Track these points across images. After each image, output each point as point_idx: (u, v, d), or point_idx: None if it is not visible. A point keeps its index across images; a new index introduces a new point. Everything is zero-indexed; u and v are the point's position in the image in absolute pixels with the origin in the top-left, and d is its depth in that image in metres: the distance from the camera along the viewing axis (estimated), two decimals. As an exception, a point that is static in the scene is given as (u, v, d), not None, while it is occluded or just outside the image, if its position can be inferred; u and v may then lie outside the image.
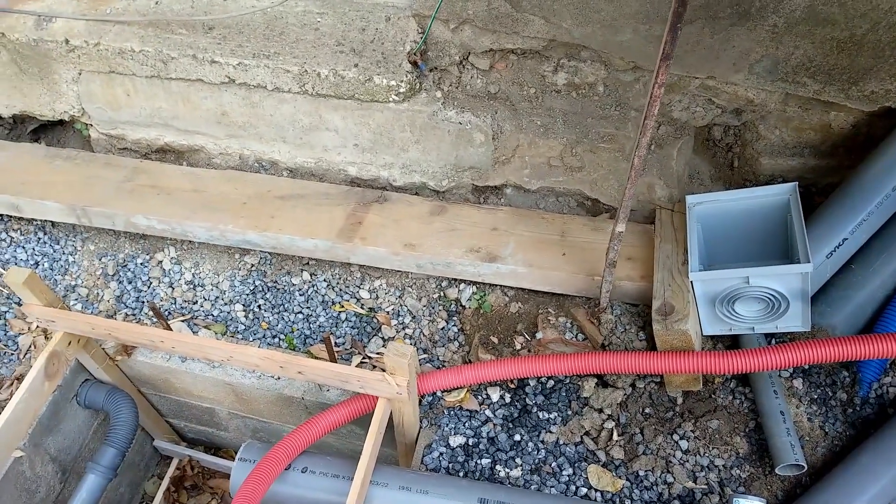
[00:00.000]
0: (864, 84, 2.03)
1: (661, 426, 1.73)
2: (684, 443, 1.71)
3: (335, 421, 1.69)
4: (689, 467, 1.67)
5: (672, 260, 1.78)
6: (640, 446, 1.71)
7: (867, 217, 1.92)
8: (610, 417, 1.76)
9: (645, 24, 2.01)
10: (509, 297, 2.01)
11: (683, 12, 1.08)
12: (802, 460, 1.62)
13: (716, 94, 2.19)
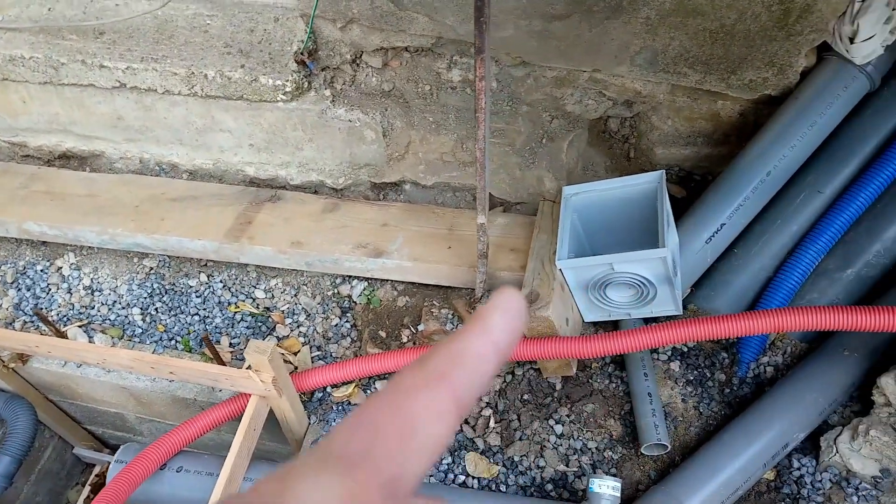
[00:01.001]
0: (742, 73, 2.13)
1: (538, 412, 1.81)
2: (559, 427, 1.78)
3: (213, 420, 1.75)
4: (563, 451, 1.75)
5: (546, 250, 1.86)
6: (517, 432, 1.79)
7: (743, 202, 2.02)
8: (488, 405, 1.83)
9: (524, 20, 2.09)
10: (398, 291, 2.08)
11: (482, 6, 1.16)
12: (666, 440, 1.70)
13: (605, 86, 2.28)
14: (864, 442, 1.64)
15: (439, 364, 0.31)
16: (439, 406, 0.31)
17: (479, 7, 1.18)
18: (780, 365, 1.92)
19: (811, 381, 1.77)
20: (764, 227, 2.07)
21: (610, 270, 1.78)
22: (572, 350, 1.64)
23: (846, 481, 1.65)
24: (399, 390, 0.31)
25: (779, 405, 1.73)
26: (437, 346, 0.33)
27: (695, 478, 1.64)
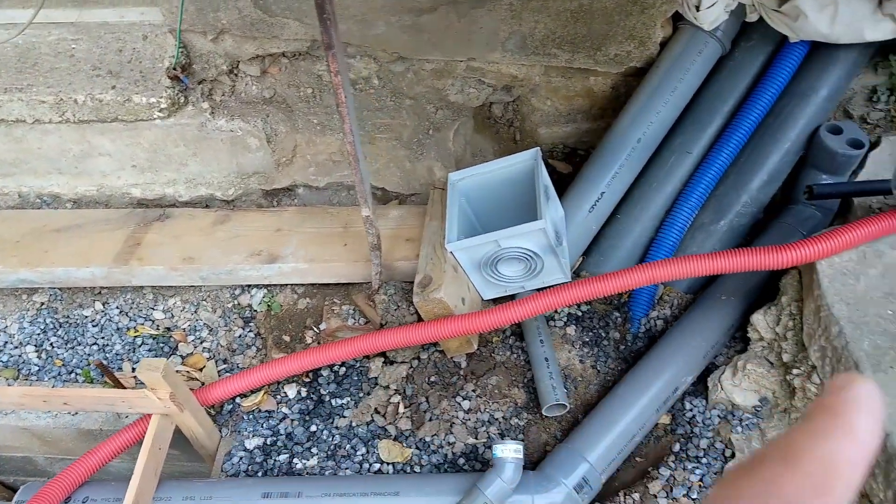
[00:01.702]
0: (607, 48, 2.30)
1: (445, 391, 1.91)
2: (466, 403, 1.89)
3: (117, 447, 1.77)
4: (471, 425, 1.86)
5: (437, 235, 1.97)
6: (427, 414, 1.88)
7: (619, 170, 2.18)
8: (396, 392, 1.92)
9: (395, 16, 2.21)
10: (298, 293, 2.15)
11: (324, 4, 1.25)
12: (564, 399, 1.83)
13: (483, 73, 2.42)
14: (743, 376, 1.82)
15: (816, 473, 0.29)
16: None
17: (320, 5, 1.27)
18: (668, 317, 2.09)
19: (694, 327, 1.95)
20: (641, 192, 2.25)
21: (497, 247, 1.90)
22: (465, 327, 1.75)
23: (731, 414, 1.83)
24: (775, 496, 0.28)
25: (666, 354, 1.89)
26: (800, 440, 0.30)
27: (594, 431, 1.78)
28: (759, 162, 2.19)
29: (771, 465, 0.29)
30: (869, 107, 2.35)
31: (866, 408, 0.31)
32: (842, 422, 0.30)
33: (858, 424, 0.30)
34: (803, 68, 2.22)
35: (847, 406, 0.30)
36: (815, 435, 0.30)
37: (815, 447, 0.29)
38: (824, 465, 0.28)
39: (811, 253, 1.60)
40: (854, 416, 0.30)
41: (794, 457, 0.29)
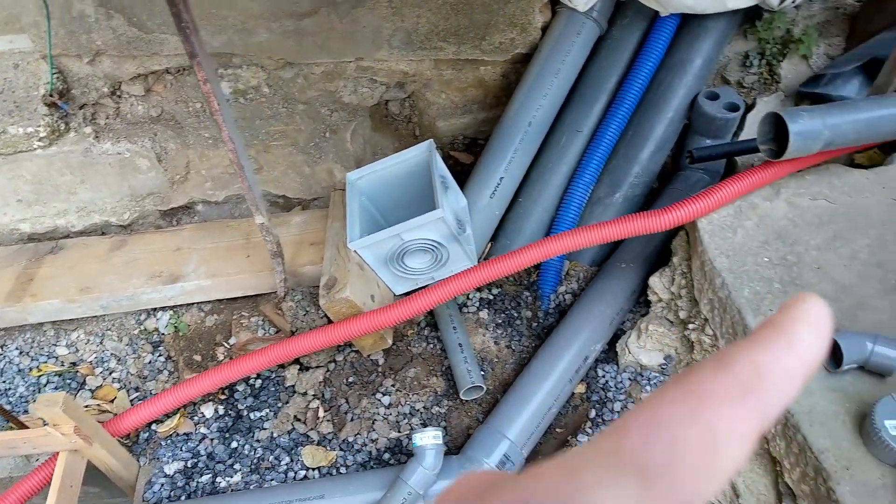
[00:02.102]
0: (491, 37, 2.39)
1: (364, 390, 1.95)
2: (386, 398, 1.93)
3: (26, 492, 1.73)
4: (393, 419, 1.90)
5: (340, 236, 2.00)
6: (348, 414, 1.91)
7: (514, 154, 2.27)
8: (315, 397, 1.94)
9: (275, 23, 2.23)
10: (205, 311, 2.15)
11: (179, 12, 1.27)
12: (479, 381, 1.90)
13: (374, 72, 2.47)
14: (647, 337, 1.93)
15: (745, 374, 0.28)
16: (744, 425, 0.27)
17: (176, 14, 1.29)
18: (576, 290, 2.19)
19: (598, 297, 2.05)
20: (539, 173, 2.34)
21: (400, 241, 1.95)
22: (373, 323, 1.80)
23: (640, 375, 1.93)
24: (699, 396, 0.27)
25: (574, 325, 1.98)
26: (736, 350, 0.29)
27: (512, 409, 1.85)
28: (645, 133, 2.32)
29: (700, 369, 0.28)
30: (744, 71, 2.52)
31: (811, 322, 0.30)
32: (783, 334, 0.29)
33: (800, 337, 0.29)
34: (677, 40, 2.36)
35: (791, 321, 0.30)
36: (754, 344, 0.29)
37: (750, 353, 0.28)
38: (756, 369, 0.28)
39: (688, 213, 1.71)
40: (797, 329, 0.29)
41: (727, 360, 0.28)
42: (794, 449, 1.44)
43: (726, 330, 1.67)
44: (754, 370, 0.28)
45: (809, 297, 0.31)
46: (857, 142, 1.75)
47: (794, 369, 0.28)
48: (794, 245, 1.71)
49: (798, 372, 0.28)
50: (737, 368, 0.28)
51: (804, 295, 0.31)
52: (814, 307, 0.30)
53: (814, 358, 0.29)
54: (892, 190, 1.81)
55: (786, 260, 1.68)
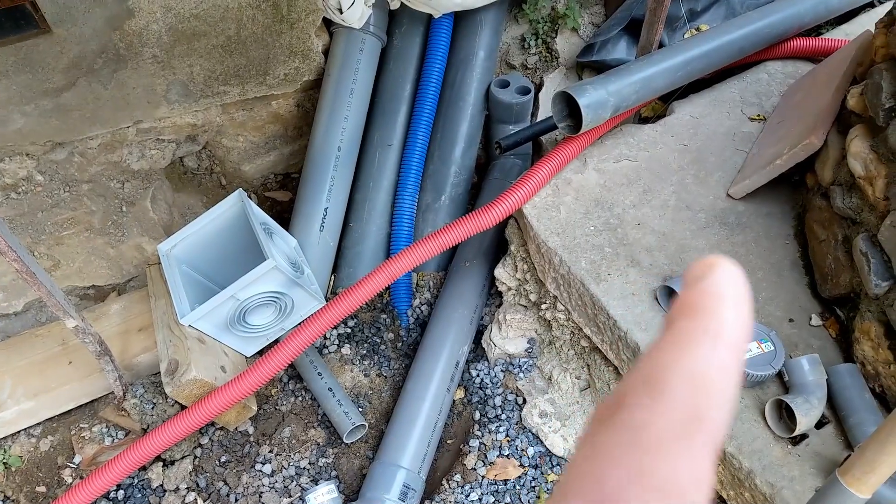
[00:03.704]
0: (274, 71, 2.34)
1: (241, 465, 1.85)
2: (267, 467, 1.85)
3: None
4: (280, 485, 1.82)
5: (167, 315, 1.87)
6: (231, 496, 1.81)
7: (332, 182, 2.24)
8: (189, 489, 1.81)
9: (29, 105, 2.04)
10: (36, 435, 1.93)
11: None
12: (359, 420, 1.87)
13: (158, 132, 2.32)
14: (507, 327, 2.00)
15: (686, 397, 0.23)
16: (701, 468, 0.23)
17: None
18: (430, 300, 2.21)
19: (453, 301, 2.09)
20: (363, 195, 2.34)
21: (237, 301, 1.87)
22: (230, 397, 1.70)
23: (511, 365, 2.00)
24: (645, 448, 0.23)
25: (437, 335, 2.01)
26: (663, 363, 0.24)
27: (399, 436, 1.84)
28: (453, 133, 2.39)
29: (634, 401, 0.24)
30: (525, 53, 2.67)
31: (730, 297, 0.26)
32: (705, 323, 0.25)
33: (724, 321, 0.25)
34: (457, 38, 2.45)
35: (707, 301, 0.26)
36: (678, 346, 0.25)
37: (679, 364, 0.24)
38: (694, 383, 0.24)
39: (511, 204, 1.79)
40: (717, 311, 0.25)
41: (659, 383, 0.24)
42: (664, 395, 1.56)
43: (575, 303, 1.77)
44: (693, 387, 0.24)
45: (718, 263, 0.27)
46: (639, 101, 1.92)
47: (728, 362, 0.24)
48: (612, 208, 1.85)
49: (733, 362, 0.24)
50: (674, 392, 0.24)
51: (709, 261, 0.27)
52: (727, 275, 0.26)
53: (744, 337, 0.25)
54: (679, 137, 2.01)
55: (609, 224, 1.81)
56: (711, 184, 1.89)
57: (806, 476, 1.38)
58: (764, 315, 1.63)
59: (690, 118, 2.06)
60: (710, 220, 1.81)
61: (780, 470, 1.39)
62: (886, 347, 1.42)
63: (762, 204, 1.84)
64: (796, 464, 1.40)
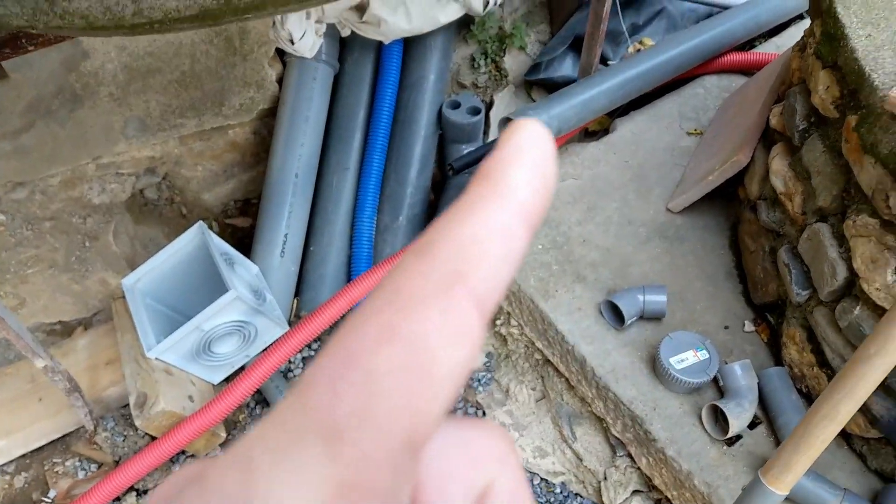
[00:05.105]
0: (230, 101, 2.42)
1: (213, 493, 1.92)
2: (238, 493, 1.92)
3: None
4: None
5: (134, 348, 1.94)
6: (204, 524, 1.88)
7: (291, 208, 2.33)
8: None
9: (-11, 145, 2.09)
10: (10, 472, 1.99)
11: None
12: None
13: (118, 167, 2.39)
14: (465, 344, 2.10)
15: (448, 258, 0.22)
16: (458, 321, 0.21)
17: None
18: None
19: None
20: (322, 219, 2.43)
21: (202, 332, 1.95)
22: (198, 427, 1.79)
23: (471, 379, 2.11)
24: (398, 305, 0.21)
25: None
26: (440, 228, 0.23)
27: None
28: (407, 155, 2.49)
29: (399, 266, 0.22)
30: (475, 73, 2.79)
31: (525, 159, 0.24)
32: (492, 186, 0.23)
33: (513, 183, 0.23)
34: (408, 61, 2.55)
35: (501, 164, 0.24)
36: (459, 211, 0.23)
37: (452, 226, 0.23)
38: (460, 243, 0.22)
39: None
40: (508, 173, 0.24)
41: (426, 245, 0.22)
42: (611, 406, 1.68)
43: (527, 319, 1.88)
44: (458, 247, 0.22)
45: (520, 126, 0.25)
46: (581, 122, 2.04)
47: (511, 226, 0.23)
48: (559, 226, 1.96)
49: (517, 225, 0.23)
50: (437, 253, 0.22)
51: (516, 124, 0.25)
52: (525, 138, 0.24)
53: (536, 199, 0.24)
54: (621, 154, 2.14)
55: (556, 242, 1.93)
56: (652, 199, 2.02)
57: (739, 474, 1.51)
58: (701, 323, 1.76)
59: (632, 135, 2.19)
60: (651, 234, 1.93)
61: (716, 470, 1.52)
62: (809, 351, 1.55)
63: (699, 216, 1.97)
64: (731, 463, 1.53)
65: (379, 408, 0.19)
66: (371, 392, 0.19)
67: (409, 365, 0.20)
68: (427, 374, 0.20)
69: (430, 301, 0.21)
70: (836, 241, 1.40)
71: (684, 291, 1.81)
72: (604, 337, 1.73)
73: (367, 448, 0.19)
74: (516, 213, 0.23)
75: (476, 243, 0.22)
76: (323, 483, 0.18)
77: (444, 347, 0.20)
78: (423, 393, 0.20)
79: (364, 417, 0.19)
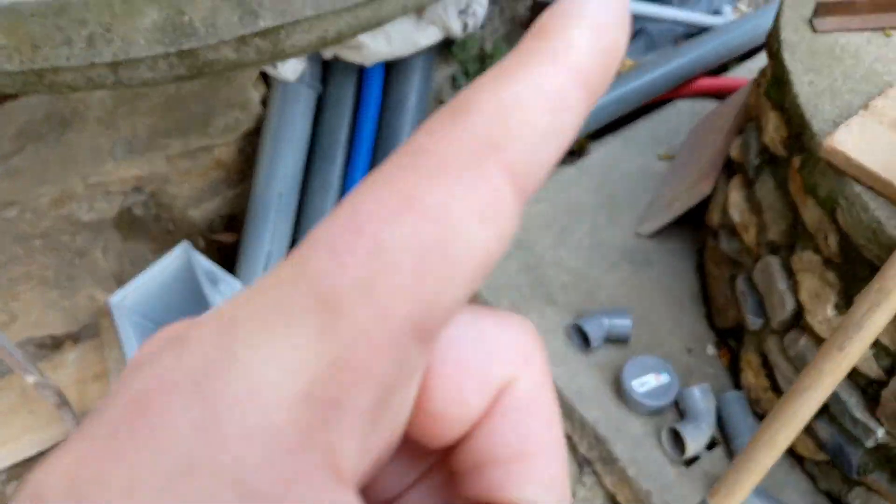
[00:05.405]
0: (215, 122, 2.50)
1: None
2: None
3: None
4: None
5: (122, 363, 2.02)
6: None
7: (274, 228, 2.42)
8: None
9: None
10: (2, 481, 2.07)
11: None
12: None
13: (105, 186, 2.47)
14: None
15: (485, 123, 0.18)
16: (488, 197, 0.18)
17: None
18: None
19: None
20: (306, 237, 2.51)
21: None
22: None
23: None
24: (420, 172, 0.18)
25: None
26: (481, 86, 0.19)
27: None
28: (388, 173, 2.57)
29: (430, 126, 0.19)
30: (455, 92, 2.87)
31: (590, 19, 0.20)
32: (547, 43, 0.19)
33: (573, 43, 0.19)
34: (390, 83, 2.64)
35: (561, 20, 0.20)
36: (507, 68, 0.19)
37: (495, 86, 0.19)
38: (501, 107, 0.18)
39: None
40: (567, 31, 0.19)
41: (463, 105, 0.19)
42: (577, 426, 1.76)
43: (500, 340, 1.96)
44: (498, 111, 0.19)
45: None
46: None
47: (562, 92, 0.19)
48: (532, 249, 2.05)
49: (571, 90, 0.19)
50: (473, 116, 0.19)
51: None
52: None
53: (598, 65, 0.20)
54: (593, 178, 2.22)
55: (528, 264, 2.01)
56: (622, 223, 2.10)
57: (696, 494, 1.59)
58: (666, 345, 1.85)
59: (605, 158, 2.27)
60: (620, 258, 2.02)
61: (673, 489, 1.60)
62: (764, 376, 1.64)
63: (667, 241, 2.06)
64: (688, 483, 1.62)
65: (385, 284, 0.17)
66: (378, 266, 0.17)
67: (425, 241, 0.17)
68: (445, 253, 0.17)
69: (459, 171, 0.18)
70: (786, 274, 1.49)
71: (650, 314, 1.89)
72: (572, 359, 1.81)
73: (368, 327, 0.16)
74: (573, 78, 0.19)
75: (520, 108, 0.19)
76: (312, 358, 0.16)
77: (469, 225, 0.18)
78: (437, 274, 0.17)
79: (367, 292, 0.17)
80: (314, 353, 0.16)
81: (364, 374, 0.16)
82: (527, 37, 0.20)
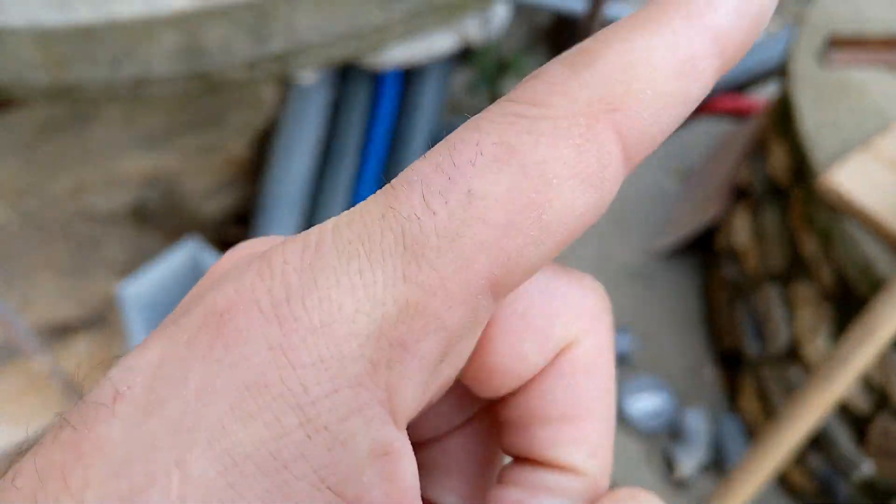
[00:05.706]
0: (229, 121, 2.59)
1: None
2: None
3: None
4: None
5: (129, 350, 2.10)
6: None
7: (284, 227, 2.47)
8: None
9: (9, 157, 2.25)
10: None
11: None
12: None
13: (122, 177, 2.55)
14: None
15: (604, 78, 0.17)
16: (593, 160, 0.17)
17: None
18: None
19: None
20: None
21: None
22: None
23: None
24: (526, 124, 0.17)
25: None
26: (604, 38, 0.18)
27: None
28: (401, 178, 2.63)
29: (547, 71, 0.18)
30: (473, 99, 2.92)
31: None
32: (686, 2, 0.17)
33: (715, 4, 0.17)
34: (406, 88, 2.69)
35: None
36: (638, 20, 0.17)
37: (623, 38, 0.17)
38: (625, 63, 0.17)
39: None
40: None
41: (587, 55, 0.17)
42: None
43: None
44: (620, 68, 0.17)
45: None
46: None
47: (692, 54, 0.17)
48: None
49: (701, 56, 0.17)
50: (593, 69, 0.17)
51: None
52: None
53: (734, 31, 0.17)
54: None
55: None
56: (632, 240, 2.14)
57: (687, 516, 1.64)
58: (667, 366, 1.88)
59: (617, 175, 2.30)
60: (629, 275, 2.06)
61: (664, 510, 1.64)
62: (760, 401, 1.67)
63: (676, 260, 2.09)
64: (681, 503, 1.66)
65: (471, 237, 0.17)
66: (467, 216, 0.17)
67: (519, 198, 0.17)
68: (538, 214, 0.17)
69: (567, 128, 0.17)
70: (783, 304, 1.52)
71: (654, 334, 1.93)
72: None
73: (447, 277, 0.16)
74: (710, 42, 0.17)
75: (647, 69, 0.17)
76: (389, 299, 0.16)
77: (568, 189, 0.17)
78: (526, 234, 0.17)
79: (452, 243, 0.17)
80: (391, 294, 0.16)
81: (435, 323, 0.16)
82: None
